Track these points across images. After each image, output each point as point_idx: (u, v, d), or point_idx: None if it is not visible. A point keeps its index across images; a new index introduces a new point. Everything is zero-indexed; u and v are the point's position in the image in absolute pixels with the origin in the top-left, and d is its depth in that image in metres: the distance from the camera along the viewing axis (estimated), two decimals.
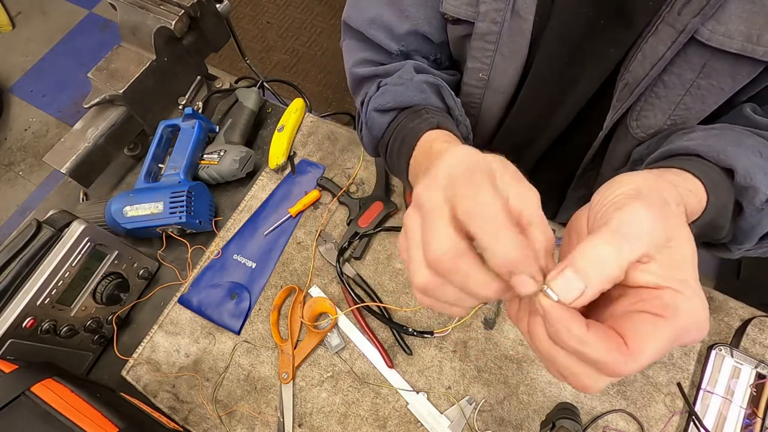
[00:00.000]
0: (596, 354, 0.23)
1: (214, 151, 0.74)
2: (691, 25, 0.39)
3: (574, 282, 0.24)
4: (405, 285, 0.64)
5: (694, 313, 0.24)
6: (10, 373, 0.45)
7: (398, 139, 0.48)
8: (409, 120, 0.48)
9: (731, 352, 0.56)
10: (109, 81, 0.71)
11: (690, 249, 0.26)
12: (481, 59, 0.51)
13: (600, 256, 0.24)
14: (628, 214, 0.25)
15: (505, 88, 0.53)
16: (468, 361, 0.59)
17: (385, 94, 0.51)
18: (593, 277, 0.24)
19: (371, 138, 0.53)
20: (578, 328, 0.23)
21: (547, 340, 0.25)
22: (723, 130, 0.42)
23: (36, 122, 2.11)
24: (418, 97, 0.49)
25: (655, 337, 0.23)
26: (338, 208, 0.71)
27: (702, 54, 0.41)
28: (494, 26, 0.48)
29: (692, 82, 0.43)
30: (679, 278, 0.24)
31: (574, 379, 0.25)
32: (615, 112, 0.49)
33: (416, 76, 0.51)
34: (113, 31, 2.28)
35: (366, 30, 0.55)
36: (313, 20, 2.15)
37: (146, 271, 0.68)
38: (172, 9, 0.72)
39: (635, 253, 0.24)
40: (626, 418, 0.55)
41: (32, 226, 0.56)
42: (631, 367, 0.23)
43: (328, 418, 0.59)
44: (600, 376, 0.25)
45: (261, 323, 0.65)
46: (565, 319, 0.24)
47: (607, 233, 0.24)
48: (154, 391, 0.62)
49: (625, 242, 0.24)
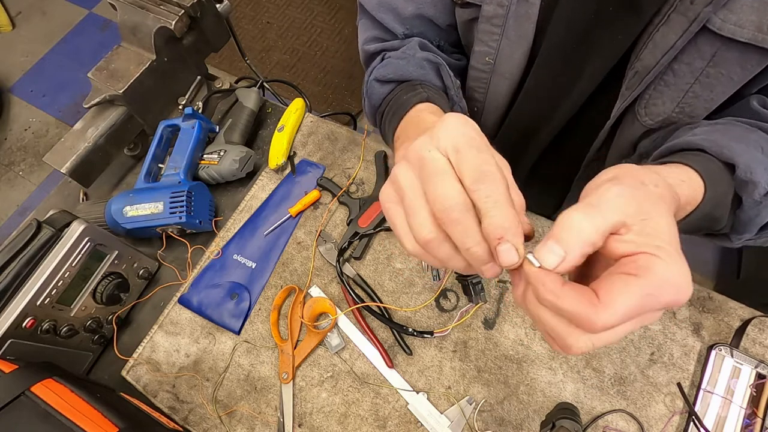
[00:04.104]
0: (569, 305, 0.26)
1: (214, 151, 0.74)
2: (704, 14, 0.40)
3: (555, 249, 0.26)
4: (405, 285, 0.64)
5: (668, 273, 0.25)
6: (10, 373, 0.45)
7: (392, 110, 0.52)
8: (403, 93, 0.51)
9: (731, 352, 0.56)
10: (109, 81, 0.71)
11: (666, 221, 0.27)
12: (488, 43, 0.52)
13: (574, 223, 0.26)
14: (602, 191, 0.28)
15: (511, 73, 0.54)
16: (468, 361, 0.59)
17: (387, 66, 0.54)
18: (571, 243, 0.26)
19: (370, 106, 0.57)
20: (553, 284, 0.26)
21: (534, 302, 0.28)
22: (727, 125, 0.43)
23: (36, 122, 2.11)
24: (417, 73, 0.52)
25: (625, 291, 0.25)
26: (338, 208, 0.71)
27: (713, 43, 0.42)
28: (501, 9, 0.49)
29: (702, 71, 0.44)
30: (655, 245, 0.26)
31: (559, 340, 0.28)
32: (624, 100, 0.49)
33: (419, 53, 0.53)
34: (113, 31, 2.28)
35: (375, 13, 0.57)
36: (313, 20, 2.15)
37: (146, 271, 0.68)
38: (172, 9, 0.72)
39: (607, 220, 0.26)
40: (626, 418, 0.55)
41: (32, 226, 0.56)
42: (602, 317, 0.25)
43: (328, 418, 0.59)
44: (579, 334, 0.26)
45: (261, 323, 0.65)
46: (542, 279, 0.27)
47: (582, 206, 0.27)
48: (154, 391, 0.62)
49: (596, 212, 0.26)
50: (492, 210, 0.27)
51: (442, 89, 0.54)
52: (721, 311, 0.59)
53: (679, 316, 0.59)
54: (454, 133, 0.29)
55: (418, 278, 0.65)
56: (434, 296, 0.63)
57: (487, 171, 0.27)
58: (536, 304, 0.28)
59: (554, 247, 0.26)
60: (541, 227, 0.65)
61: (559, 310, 0.26)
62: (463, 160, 0.28)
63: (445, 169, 0.28)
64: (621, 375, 0.57)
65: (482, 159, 0.28)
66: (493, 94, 0.57)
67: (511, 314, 0.61)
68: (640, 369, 0.57)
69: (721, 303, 0.59)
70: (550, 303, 0.26)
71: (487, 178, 0.27)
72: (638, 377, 0.57)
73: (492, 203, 0.27)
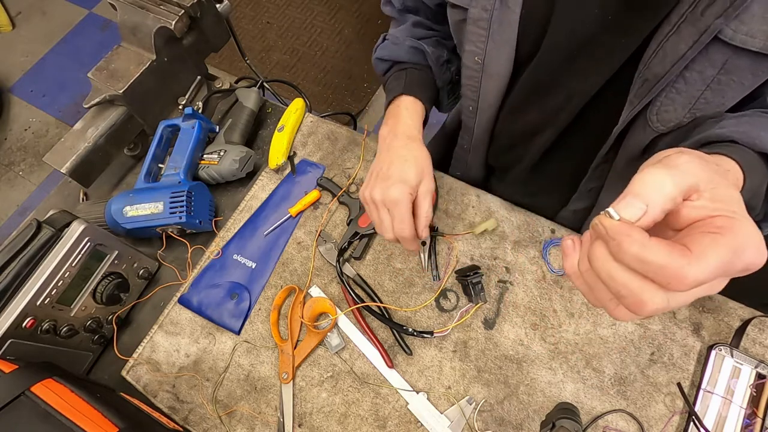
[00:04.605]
0: (658, 257, 0.24)
1: (214, 151, 0.74)
2: (714, 26, 0.40)
3: (636, 203, 0.26)
4: (405, 285, 0.64)
5: (749, 233, 0.25)
6: (10, 373, 0.45)
7: (387, 88, 0.66)
8: (393, 79, 0.65)
9: (731, 352, 0.56)
10: (109, 81, 0.71)
11: (734, 191, 0.28)
12: (476, 43, 0.54)
13: (657, 178, 0.26)
14: (675, 156, 0.28)
15: (499, 74, 0.56)
16: (468, 361, 0.59)
17: (384, 48, 0.67)
18: (653, 197, 0.26)
19: (379, 77, 0.70)
20: (640, 235, 0.25)
21: (607, 260, 0.27)
22: (753, 116, 0.44)
23: (36, 122, 2.11)
24: (406, 57, 0.65)
25: (715, 246, 0.24)
26: (338, 208, 0.71)
27: (724, 52, 0.42)
28: (485, 13, 0.51)
29: (713, 78, 0.44)
30: (727, 208, 0.26)
31: (631, 298, 0.26)
32: (632, 107, 0.49)
33: (407, 40, 0.64)
34: (113, 31, 2.28)
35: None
36: (313, 20, 2.15)
37: (146, 271, 0.68)
38: (172, 9, 0.72)
39: (687, 179, 0.26)
40: (626, 418, 0.55)
41: (32, 226, 0.56)
42: (694, 270, 0.24)
43: (328, 418, 0.59)
44: (657, 291, 0.26)
45: (261, 323, 0.65)
46: (627, 230, 0.26)
47: (660, 165, 0.27)
48: (154, 391, 0.62)
49: (676, 170, 0.27)
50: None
51: (426, 66, 0.65)
52: (721, 311, 0.59)
53: (679, 316, 0.59)
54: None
55: (418, 278, 0.65)
56: (434, 296, 0.63)
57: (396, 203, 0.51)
58: (607, 261, 0.27)
59: (634, 201, 0.26)
60: (541, 227, 0.66)
61: (645, 263, 0.25)
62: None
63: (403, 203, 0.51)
64: (621, 375, 0.57)
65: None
66: (484, 93, 0.59)
67: (511, 314, 0.61)
68: (640, 369, 0.57)
69: (721, 303, 0.59)
70: (634, 256, 0.25)
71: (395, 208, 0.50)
72: (638, 377, 0.57)
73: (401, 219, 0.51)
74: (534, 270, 0.63)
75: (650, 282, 0.26)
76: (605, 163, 0.59)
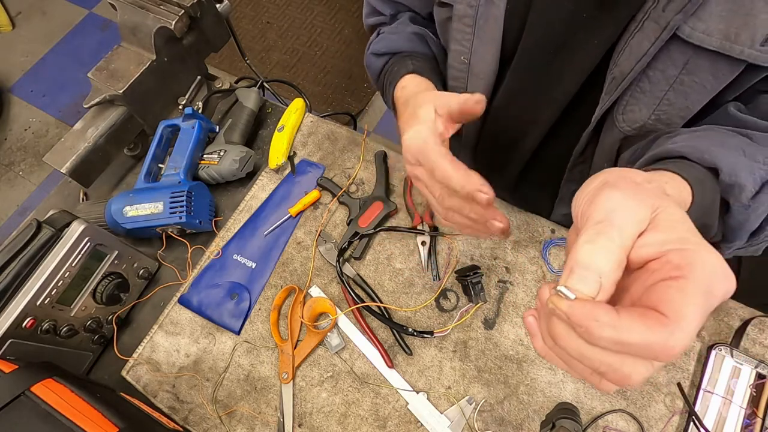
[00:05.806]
0: (637, 336, 0.21)
1: (214, 151, 0.74)
2: (674, 21, 0.40)
3: (588, 276, 0.23)
4: (405, 285, 0.64)
5: (711, 263, 0.23)
6: (10, 373, 0.45)
7: (388, 80, 0.59)
8: (395, 65, 0.58)
9: (731, 352, 0.56)
10: (109, 81, 0.71)
11: (677, 210, 0.25)
12: (462, 42, 0.54)
13: (597, 247, 0.24)
14: (603, 201, 0.25)
15: (485, 73, 0.56)
16: (468, 361, 0.59)
17: (380, 41, 0.61)
18: (603, 267, 0.23)
19: (372, 77, 0.64)
20: (607, 316, 0.22)
21: (576, 340, 0.24)
22: (706, 131, 0.43)
23: (36, 122, 2.11)
24: (407, 45, 0.59)
25: (687, 299, 0.22)
26: (338, 208, 0.71)
27: (684, 51, 0.42)
28: (470, 9, 0.51)
29: (675, 78, 0.44)
30: (677, 237, 0.24)
31: (612, 375, 0.24)
32: (602, 105, 0.49)
33: (408, 27, 0.59)
34: (113, 31, 2.28)
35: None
36: (313, 20, 2.15)
37: (146, 271, 0.68)
38: (172, 9, 0.72)
39: (627, 230, 0.24)
40: (626, 418, 0.55)
41: (32, 226, 0.56)
42: (679, 337, 0.21)
43: (328, 418, 0.59)
44: (646, 363, 0.23)
45: (261, 323, 0.65)
46: (591, 311, 0.22)
47: (592, 227, 0.24)
48: (154, 391, 0.62)
49: (611, 227, 0.24)
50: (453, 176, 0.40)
51: (431, 56, 0.60)
52: (721, 311, 0.59)
53: None
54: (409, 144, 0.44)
55: (418, 278, 0.65)
56: (434, 296, 0.63)
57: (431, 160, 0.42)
58: (574, 341, 0.24)
59: (586, 273, 0.23)
60: (541, 227, 0.66)
61: (624, 344, 0.22)
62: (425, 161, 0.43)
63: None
64: None
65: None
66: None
67: (511, 314, 0.61)
68: None
69: (721, 303, 0.59)
70: (608, 339, 0.22)
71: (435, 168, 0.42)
72: None
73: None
74: (534, 270, 0.63)
75: (634, 354, 0.23)
76: (582, 164, 0.59)
